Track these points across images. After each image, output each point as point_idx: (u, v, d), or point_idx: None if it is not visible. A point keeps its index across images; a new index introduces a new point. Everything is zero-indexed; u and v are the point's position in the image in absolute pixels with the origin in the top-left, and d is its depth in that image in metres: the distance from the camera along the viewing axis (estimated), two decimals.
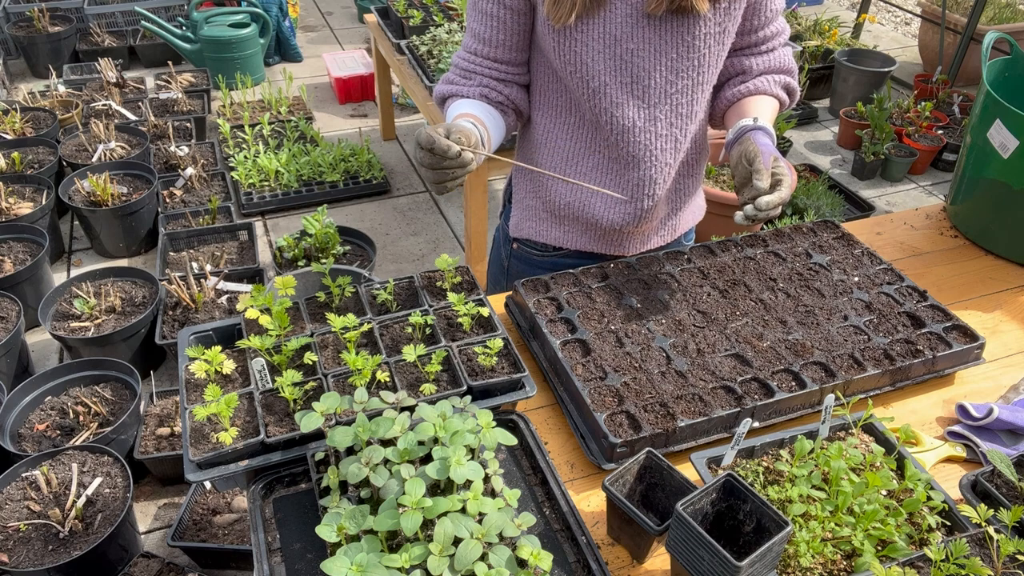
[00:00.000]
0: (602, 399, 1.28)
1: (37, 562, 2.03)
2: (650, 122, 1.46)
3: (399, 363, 1.31)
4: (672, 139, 1.50)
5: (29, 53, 5.23)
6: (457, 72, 1.55)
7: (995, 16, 5.28)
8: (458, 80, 1.54)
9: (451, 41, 3.52)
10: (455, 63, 1.56)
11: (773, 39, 1.55)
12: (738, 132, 1.45)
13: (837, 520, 1.08)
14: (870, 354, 1.38)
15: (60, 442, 2.42)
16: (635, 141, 1.48)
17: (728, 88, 1.56)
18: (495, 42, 1.48)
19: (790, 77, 1.57)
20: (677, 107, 1.47)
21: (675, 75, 1.43)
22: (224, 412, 1.15)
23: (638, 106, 1.45)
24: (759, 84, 1.53)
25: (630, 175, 1.52)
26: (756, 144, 1.38)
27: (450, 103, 1.54)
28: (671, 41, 1.39)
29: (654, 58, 1.40)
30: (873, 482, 1.09)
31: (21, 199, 3.50)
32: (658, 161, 1.50)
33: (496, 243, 1.86)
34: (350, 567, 0.90)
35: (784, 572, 1.05)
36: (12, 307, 2.89)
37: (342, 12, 6.67)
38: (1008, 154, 1.67)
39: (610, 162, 1.52)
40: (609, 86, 1.42)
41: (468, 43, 1.53)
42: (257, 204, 3.95)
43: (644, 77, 1.42)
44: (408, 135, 4.80)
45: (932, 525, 1.08)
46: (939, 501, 1.10)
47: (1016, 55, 1.91)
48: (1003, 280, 1.72)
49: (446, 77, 1.58)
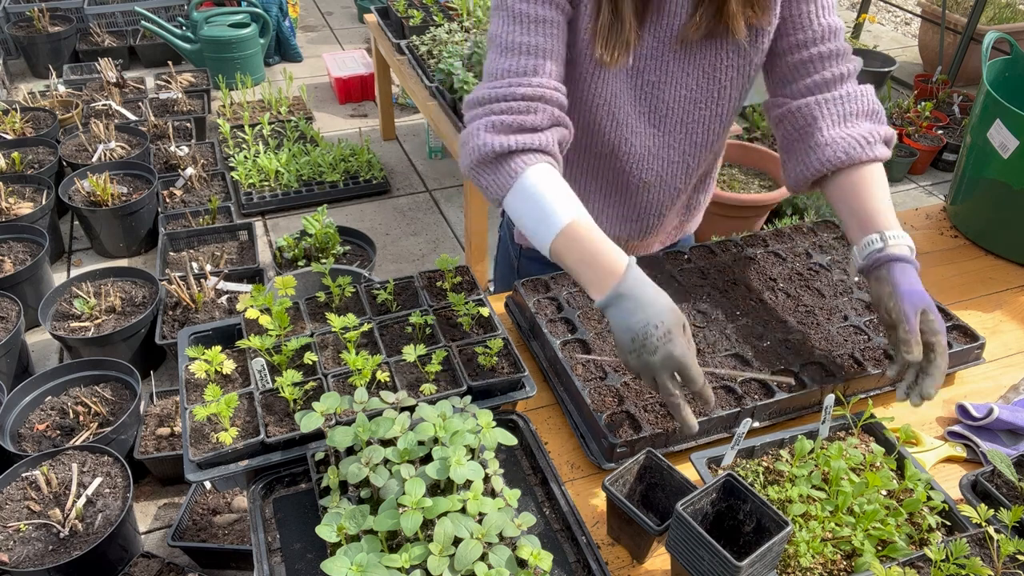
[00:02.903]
0: (602, 399, 1.28)
1: (37, 562, 2.03)
2: (664, 148, 1.43)
3: (399, 363, 1.31)
4: (684, 165, 1.47)
5: (29, 53, 5.23)
6: (513, 107, 1.20)
7: (995, 16, 5.28)
8: (522, 120, 1.19)
9: (451, 41, 3.51)
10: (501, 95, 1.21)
11: (834, 62, 1.32)
12: (871, 261, 1.24)
13: (837, 520, 1.08)
14: (870, 354, 1.38)
15: (60, 442, 2.42)
16: (647, 168, 1.45)
17: (812, 151, 1.33)
18: (557, 54, 1.23)
19: (884, 126, 1.32)
20: (692, 136, 1.42)
21: (693, 105, 1.38)
22: (224, 412, 1.15)
23: (654, 134, 1.41)
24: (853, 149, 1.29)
25: (639, 199, 1.50)
26: (898, 297, 1.18)
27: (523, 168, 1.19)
28: (693, 72, 1.34)
29: (674, 89, 1.35)
30: (873, 482, 1.08)
31: (21, 199, 3.50)
32: (667, 186, 1.49)
33: (503, 241, 1.82)
34: (350, 567, 0.90)
35: (784, 572, 1.05)
36: (12, 307, 2.89)
37: (342, 12, 6.67)
38: (1008, 154, 1.67)
39: (619, 185, 1.49)
40: (629, 115, 1.38)
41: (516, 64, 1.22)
42: (257, 204, 3.95)
43: (662, 107, 1.38)
44: (408, 135, 4.81)
45: (932, 525, 1.08)
46: (939, 501, 1.10)
47: (1016, 55, 1.91)
48: (1003, 280, 1.72)
49: (495, 122, 1.20)
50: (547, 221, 1.17)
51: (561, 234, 1.16)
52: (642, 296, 1.09)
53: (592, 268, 1.14)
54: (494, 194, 1.23)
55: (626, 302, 1.09)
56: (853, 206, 1.30)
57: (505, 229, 1.81)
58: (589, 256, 1.14)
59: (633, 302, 1.09)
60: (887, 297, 1.21)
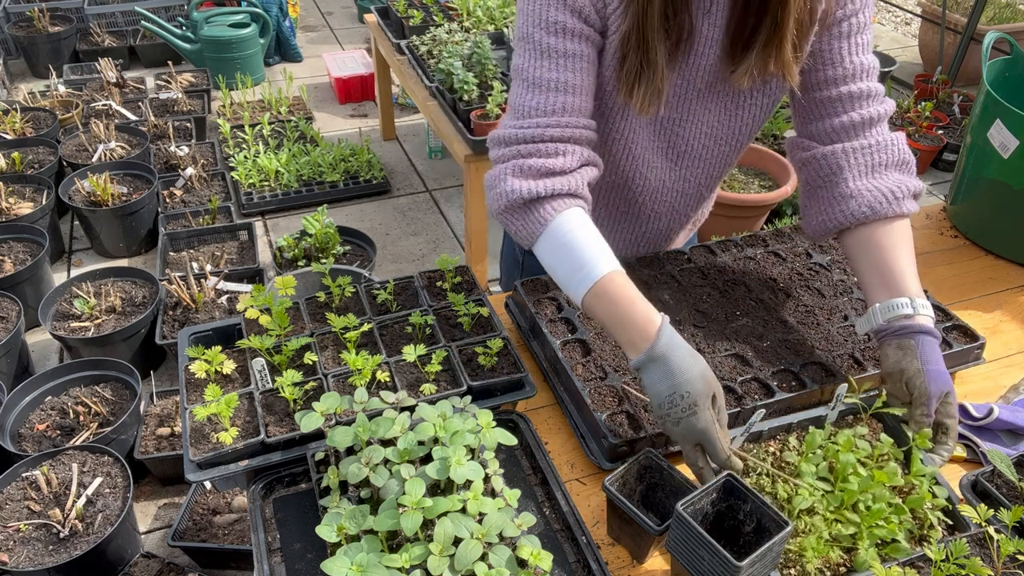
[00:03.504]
0: (602, 399, 1.28)
1: (37, 562, 2.03)
2: (679, 182, 1.43)
3: (399, 363, 1.31)
4: (697, 196, 1.47)
5: (29, 53, 5.23)
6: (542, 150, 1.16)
7: (995, 16, 5.28)
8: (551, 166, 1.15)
9: (451, 41, 3.52)
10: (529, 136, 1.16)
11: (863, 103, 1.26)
12: (896, 327, 1.19)
13: (840, 516, 1.08)
14: (870, 354, 1.38)
15: (60, 442, 2.42)
16: (661, 199, 1.45)
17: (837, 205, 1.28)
18: (586, 89, 1.17)
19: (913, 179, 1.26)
20: (709, 170, 1.42)
21: (713, 142, 1.37)
22: (224, 412, 1.15)
23: (671, 168, 1.40)
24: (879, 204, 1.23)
25: (649, 226, 1.50)
26: (925, 376, 1.14)
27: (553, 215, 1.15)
28: (715, 110, 1.32)
29: (695, 127, 1.34)
30: (879, 479, 1.08)
31: (21, 199, 3.50)
32: (679, 215, 1.49)
33: (507, 236, 1.82)
34: (350, 567, 0.90)
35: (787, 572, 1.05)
36: (12, 307, 2.89)
37: (342, 12, 6.67)
38: (1008, 154, 1.67)
39: (630, 214, 1.49)
40: (647, 150, 1.37)
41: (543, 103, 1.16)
42: (257, 204, 3.95)
43: (681, 144, 1.37)
44: (408, 135, 4.80)
45: (934, 523, 1.08)
46: (943, 499, 1.10)
47: (1016, 55, 1.91)
48: (1003, 280, 1.72)
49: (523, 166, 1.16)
50: (579, 275, 1.14)
51: (593, 290, 1.12)
52: (672, 362, 1.05)
53: (625, 329, 1.10)
54: (525, 241, 1.20)
55: (657, 367, 1.06)
56: (876, 262, 1.24)
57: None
58: (622, 315, 1.10)
59: (663, 368, 1.05)
60: (912, 372, 1.15)
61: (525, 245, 1.21)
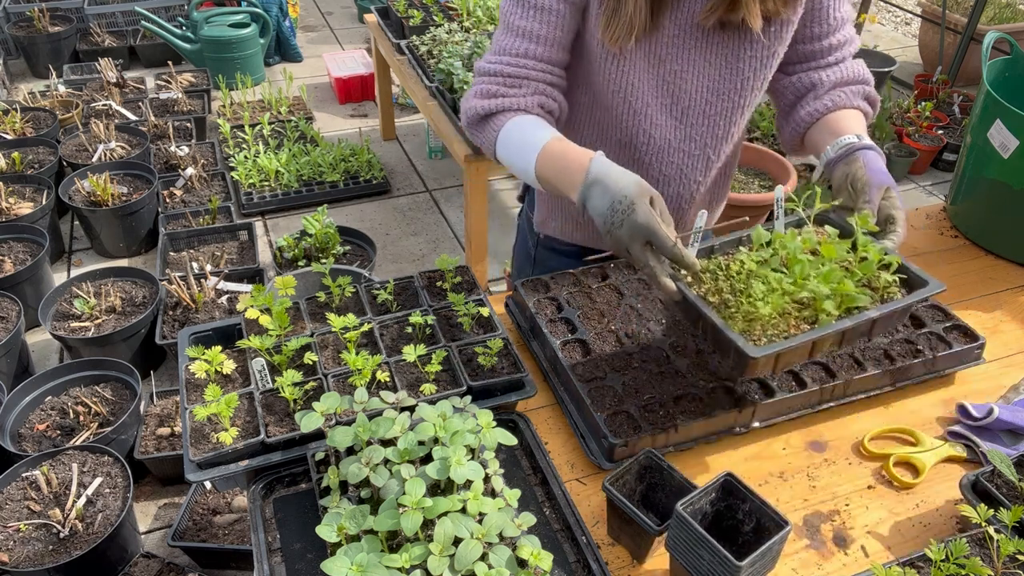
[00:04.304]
0: (602, 399, 1.28)
1: (37, 562, 2.03)
2: (685, 141, 1.43)
3: (399, 363, 1.31)
4: (704, 158, 1.47)
5: (29, 53, 5.23)
6: (500, 81, 1.34)
7: (995, 16, 5.28)
8: (504, 90, 1.33)
9: (451, 41, 3.52)
10: (490, 71, 1.34)
11: (840, 49, 1.44)
12: (842, 151, 1.32)
13: (796, 285, 1.10)
14: (870, 354, 1.38)
15: (60, 442, 2.42)
16: (668, 160, 1.45)
17: (803, 107, 1.45)
18: (551, 40, 1.31)
19: (868, 87, 1.46)
20: (714, 128, 1.43)
21: (716, 96, 1.38)
22: (224, 412, 1.15)
23: (675, 126, 1.41)
24: (838, 98, 1.41)
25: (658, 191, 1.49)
26: (866, 170, 1.25)
27: (502, 121, 1.32)
28: (715, 63, 1.35)
29: (697, 79, 1.36)
30: (829, 254, 1.11)
31: (21, 199, 3.50)
32: (688, 179, 1.48)
33: (521, 230, 1.82)
34: (350, 567, 0.90)
35: (749, 332, 1.07)
36: (12, 307, 2.89)
37: (342, 12, 6.67)
38: (1008, 154, 1.67)
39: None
40: (650, 106, 1.38)
41: (511, 44, 1.33)
42: (257, 204, 3.95)
43: (684, 98, 1.38)
44: (408, 135, 4.80)
45: (888, 280, 1.11)
46: (894, 261, 1.14)
47: (1016, 55, 1.91)
48: (1003, 280, 1.72)
49: (481, 90, 1.35)
50: (527, 154, 1.28)
51: (538, 159, 1.27)
52: (606, 180, 1.16)
53: (567, 173, 1.23)
54: (488, 152, 1.38)
55: (595, 190, 1.17)
56: (831, 129, 1.38)
57: (524, 219, 1.80)
58: (562, 165, 1.24)
59: (600, 188, 1.16)
60: (856, 174, 1.25)
61: (489, 155, 1.38)
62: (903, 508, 1.21)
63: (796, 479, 1.25)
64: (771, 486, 1.24)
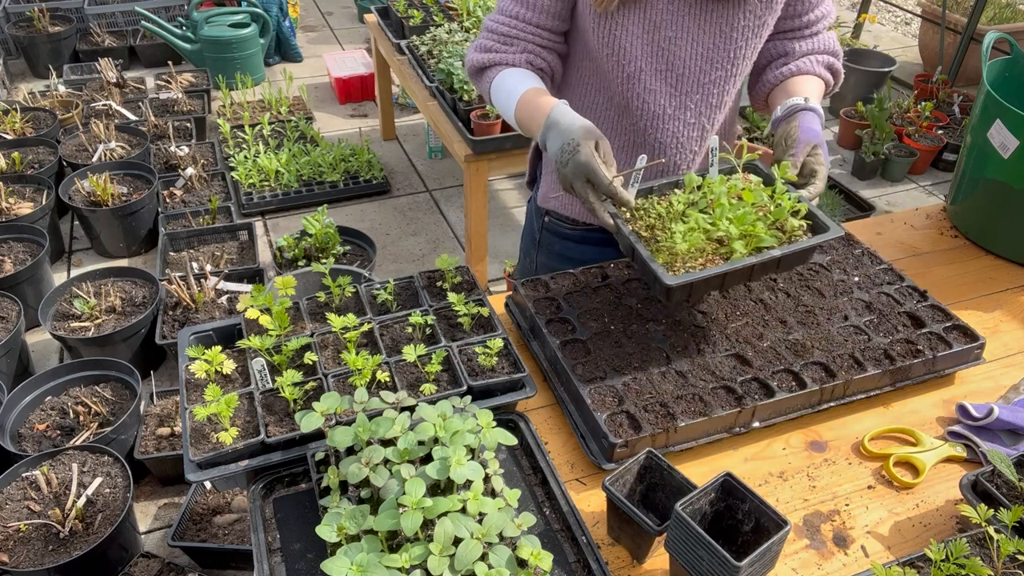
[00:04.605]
0: (602, 399, 1.28)
1: (37, 562, 2.03)
2: (680, 109, 1.47)
3: (399, 363, 1.31)
4: (699, 127, 1.51)
5: (29, 53, 5.23)
6: (495, 38, 1.48)
7: (995, 16, 5.28)
8: (498, 47, 1.48)
9: (451, 41, 3.52)
10: (490, 27, 1.49)
11: (818, 23, 1.53)
12: (786, 111, 1.44)
13: (715, 225, 1.26)
14: (870, 354, 1.38)
15: (60, 442, 2.42)
16: (663, 128, 1.49)
17: (771, 70, 1.55)
18: (541, 7, 1.43)
19: (834, 58, 1.55)
20: (708, 96, 1.47)
21: (710, 65, 1.43)
22: (224, 412, 1.15)
23: (670, 93, 1.45)
24: (803, 65, 1.52)
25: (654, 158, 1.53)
26: (799, 128, 1.37)
27: (495, 74, 1.48)
28: (709, 31, 1.39)
29: (691, 47, 1.40)
30: (748, 199, 1.28)
31: (21, 199, 3.50)
32: (683, 148, 1.52)
33: (528, 215, 1.86)
34: (350, 567, 0.90)
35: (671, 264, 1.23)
36: (12, 307, 2.89)
37: (342, 12, 6.67)
38: (1008, 154, 1.67)
39: (635, 147, 1.53)
40: (644, 72, 1.42)
41: (509, 7, 1.46)
42: (257, 204, 3.95)
43: (679, 65, 1.42)
44: (408, 135, 4.80)
45: (795, 225, 1.27)
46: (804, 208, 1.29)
47: (1016, 55, 1.91)
48: (1003, 280, 1.72)
49: (480, 44, 1.51)
50: (509, 102, 1.44)
51: (517, 105, 1.41)
52: (561, 124, 1.30)
53: (535, 118, 1.37)
54: (485, 96, 1.54)
55: (552, 131, 1.31)
56: (789, 91, 1.48)
57: (532, 204, 1.84)
58: (532, 111, 1.38)
59: (556, 130, 1.30)
60: (791, 130, 1.38)
61: (488, 100, 1.54)
62: (903, 508, 1.21)
63: (796, 479, 1.25)
64: (771, 486, 1.24)
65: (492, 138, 2.94)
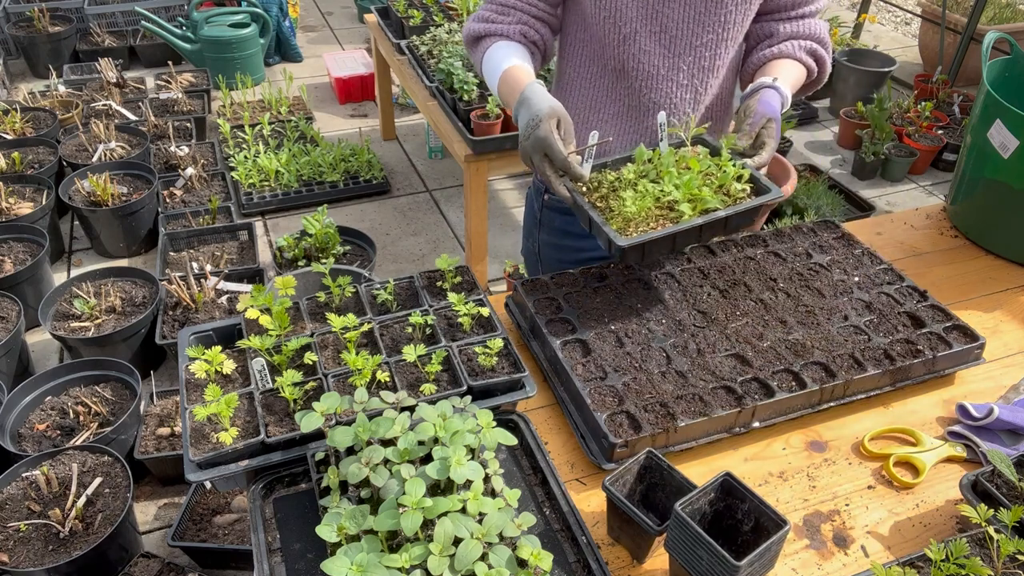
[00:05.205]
0: (602, 399, 1.28)
1: (37, 562, 2.03)
2: (673, 71, 1.52)
3: (399, 363, 1.31)
4: (692, 89, 1.55)
5: (29, 53, 5.23)
6: (493, 8, 1.56)
7: (995, 16, 5.28)
8: (495, 17, 1.56)
9: (451, 41, 3.52)
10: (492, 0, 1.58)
11: (804, 6, 1.56)
12: (752, 88, 1.50)
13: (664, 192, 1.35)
14: (870, 354, 1.38)
15: (60, 442, 2.42)
16: (657, 88, 1.53)
17: (755, 53, 1.60)
18: None
19: (818, 45, 1.58)
20: (700, 59, 1.51)
21: (701, 28, 1.47)
22: (224, 412, 1.15)
23: (663, 55, 1.50)
24: (784, 48, 1.55)
25: (649, 122, 1.57)
26: (758, 102, 1.43)
27: (489, 44, 1.55)
28: None
29: (683, 9, 1.45)
30: (695, 167, 1.37)
31: (21, 199, 3.50)
32: (677, 110, 1.56)
33: (528, 199, 1.89)
34: (350, 567, 0.90)
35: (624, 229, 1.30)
36: (12, 307, 2.89)
37: (342, 12, 6.67)
38: (1008, 154, 1.67)
39: (630, 109, 1.57)
40: (639, 33, 1.47)
41: None
42: (257, 204, 3.95)
43: (672, 27, 1.47)
44: (408, 135, 4.80)
45: (739, 189, 1.34)
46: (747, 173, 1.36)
47: (1016, 55, 1.91)
48: (1003, 280, 1.72)
49: (479, 15, 1.59)
50: (494, 76, 1.52)
51: (499, 80, 1.50)
52: (530, 101, 1.39)
53: (512, 94, 1.46)
54: (478, 66, 1.61)
55: (522, 107, 1.40)
56: (766, 73, 1.53)
57: (532, 187, 1.87)
58: (511, 86, 1.47)
59: (525, 106, 1.39)
60: (751, 105, 1.44)
61: (479, 71, 1.61)
62: (903, 508, 1.21)
63: (796, 479, 1.25)
64: (771, 486, 1.24)
65: (492, 138, 2.94)
